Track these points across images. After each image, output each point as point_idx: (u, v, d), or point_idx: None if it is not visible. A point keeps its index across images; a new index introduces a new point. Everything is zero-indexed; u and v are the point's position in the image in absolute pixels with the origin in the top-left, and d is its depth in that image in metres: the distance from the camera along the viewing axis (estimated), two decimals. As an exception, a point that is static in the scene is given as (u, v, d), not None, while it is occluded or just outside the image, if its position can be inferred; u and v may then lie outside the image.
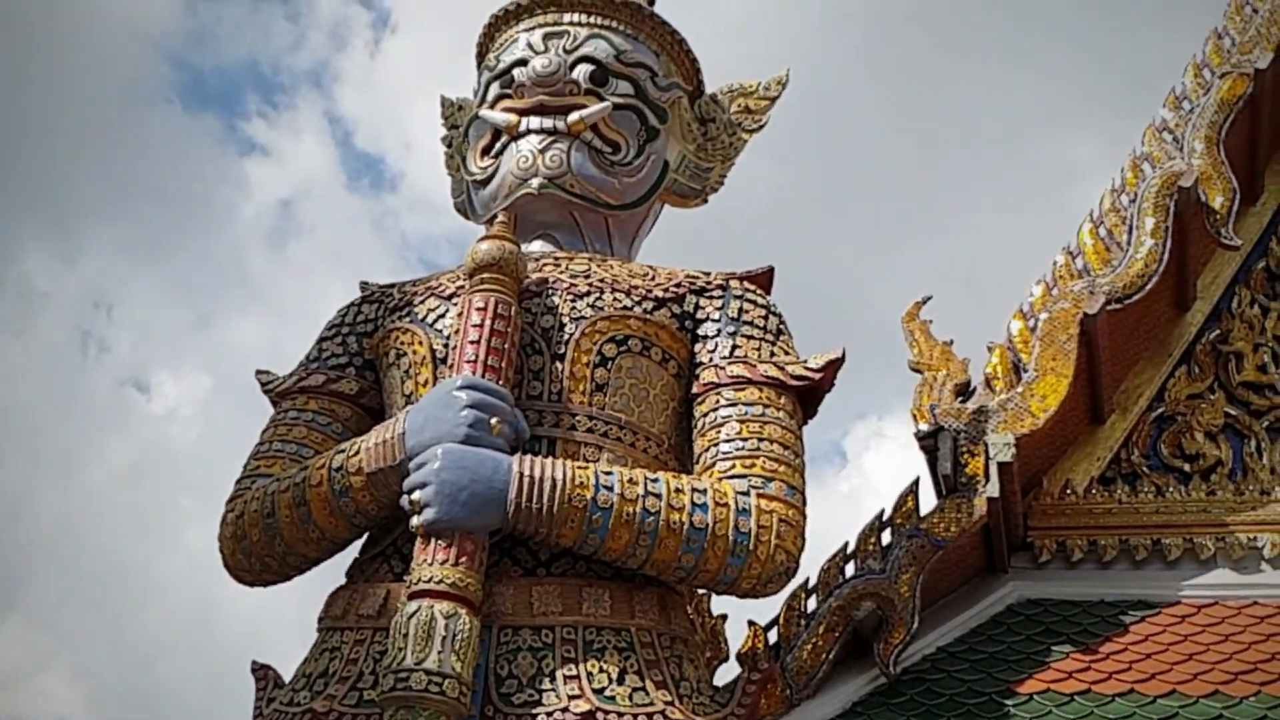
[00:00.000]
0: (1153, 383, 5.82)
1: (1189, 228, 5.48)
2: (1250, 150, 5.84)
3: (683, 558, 3.47)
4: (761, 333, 3.94)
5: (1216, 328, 5.88)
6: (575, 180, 4.07)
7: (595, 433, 3.67)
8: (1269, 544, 5.34)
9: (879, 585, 4.90)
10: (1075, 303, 5.30)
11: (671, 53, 4.36)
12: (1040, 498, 5.57)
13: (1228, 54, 5.68)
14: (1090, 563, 5.45)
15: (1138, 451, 5.72)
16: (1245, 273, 5.96)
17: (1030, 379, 5.24)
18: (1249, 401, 5.74)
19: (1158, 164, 5.52)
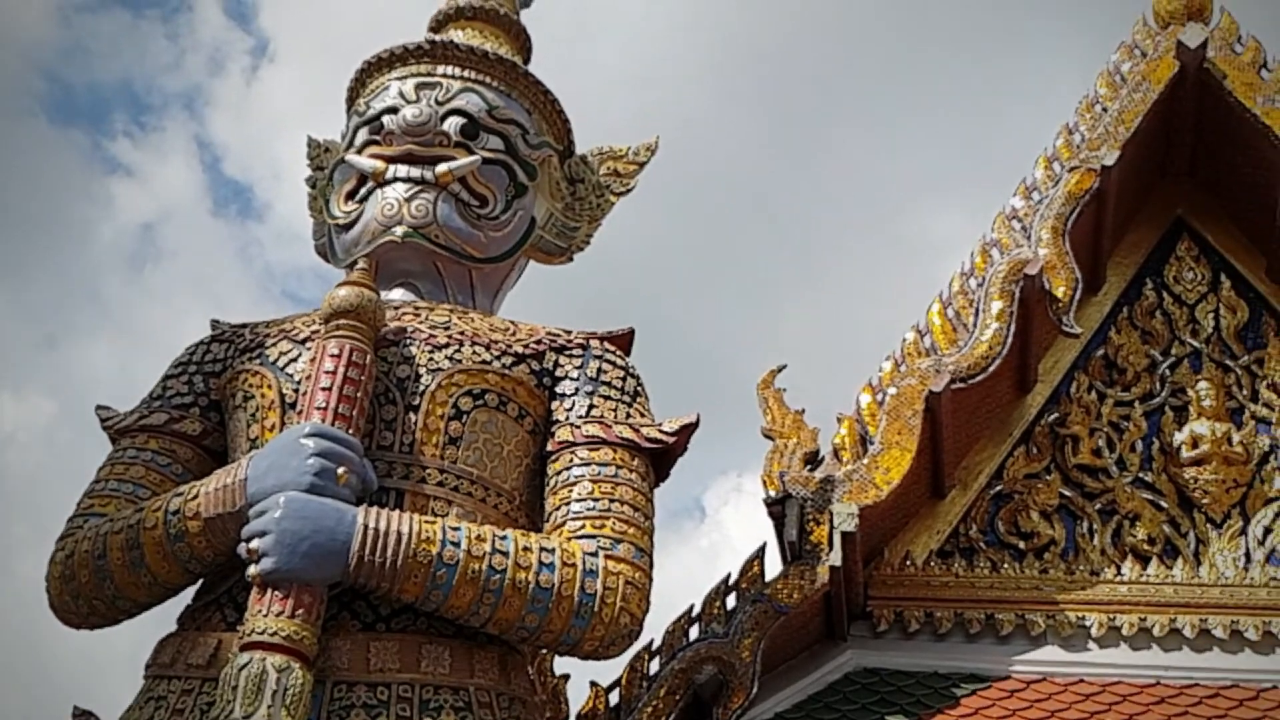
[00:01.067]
0: (993, 461, 5.99)
1: (1033, 314, 5.68)
2: (1094, 242, 6.09)
3: (527, 617, 3.44)
4: (619, 394, 3.95)
5: (1055, 411, 6.09)
6: (440, 231, 4.05)
7: (446, 487, 3.63)
8: (1096, 623, 5.52)
9: (721, 649, 4.93)
10: (922, 380, 5.45)
11: (544, 111, 4.39)
12: (881, 568, 5.68)
13: (1077, 149, 5.93)
14: (926, 634, 5.57)
15: (976, 527, 5.88)
16: (1085, 359, 6.19)
17: (876, 452, 5.36)
18: (1083, 484, 5.95)
19: (1006, 251, 5.72)
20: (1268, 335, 6.12)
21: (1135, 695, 5.28)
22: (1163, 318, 6.23)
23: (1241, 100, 5.91)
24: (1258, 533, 5.75)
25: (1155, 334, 6.21)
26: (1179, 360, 6.14)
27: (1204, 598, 5.52)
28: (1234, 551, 5.70)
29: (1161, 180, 6.43)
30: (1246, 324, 6.16)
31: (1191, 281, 6.27)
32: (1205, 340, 6.16)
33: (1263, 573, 5.57)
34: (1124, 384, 6.13)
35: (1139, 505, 5.86)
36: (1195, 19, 6.17)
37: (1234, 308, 6.18)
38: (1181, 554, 5.72)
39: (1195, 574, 5.59)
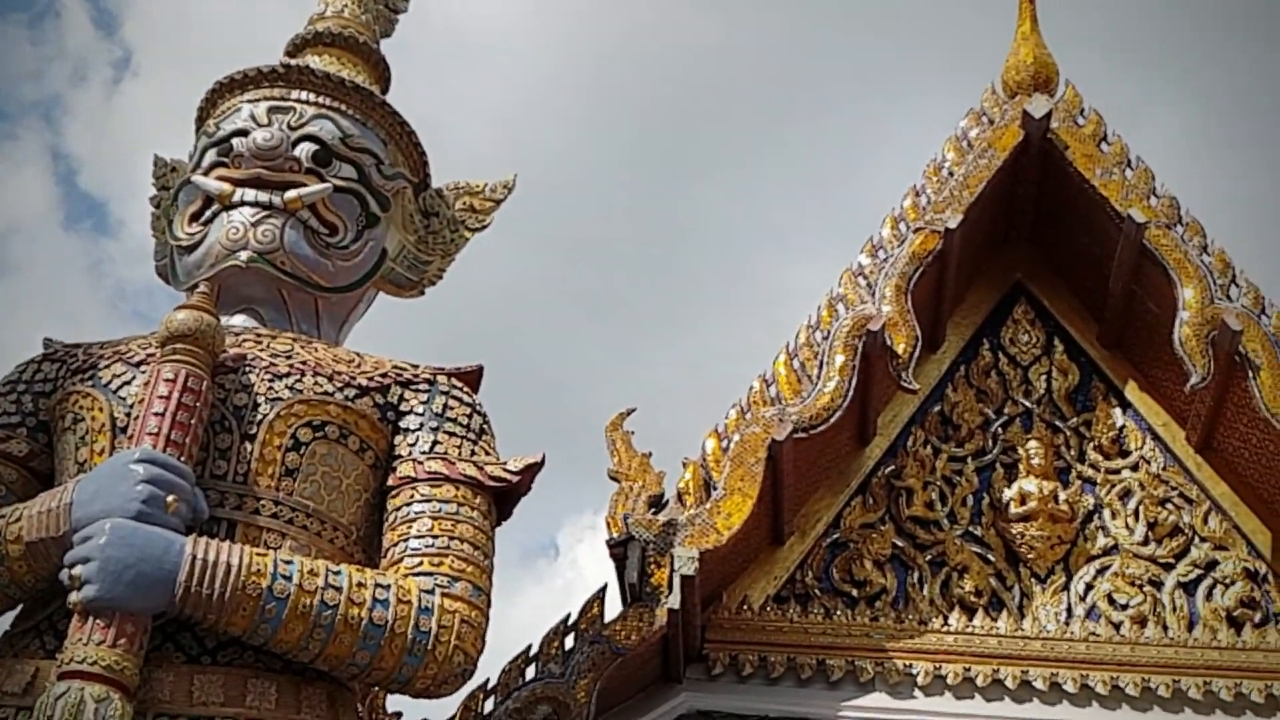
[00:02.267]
0: (830, 510, 6.11)
1: (874, 369, 5.83)
2: (935, 302, 6.28)
3: (358, 654, 3.40)
4: (464, 430, 3.95)
5: (892, 463, 6.25)
6: (287, 258, 4.00)
7: (280, 519, 3.58)
8: (923, 672, 5.64)
9: (557, 689, 4.93)
10: (765, 428, 5.54)
11: (400, 143, 4.38)
12: (719, 611, 5.73)
13: (923, 210, 6.12)
14: (759, 678, 5.64)
15: (812, 574, 5.98)
16: (922, 415, 6.37)
17: (718, 497, 5.42)
18: (915, 535, 6.10)
19: (851, 306, 5.86)
20: (1096, 398, 6.37)
21: (956, 744, 5.42)
22: (998, 378, 6.45)
23: (1081, 171, 6.16)
24: (1079, 589, 5.96)
25: (990, 393, 6.42)
26: (1011, 419, 6.36)
27: (1026, 650, 5.69)
28: (1056, 606, 5.90)
29: (1003, 245, 6.67)
30: (1077, 387, 6.41)
31: (1026, 344, 6.51)
32: (1037, 401, 6.38)
33: (1082, 628, 5.77)
34: (958, 440, 6.32)
35: (968, 558, 6.03)
36: (1041, 90, 6.42)
37: (1065, 371, 6.42)
38: (1006, 606, 5.90)
39: (1019, 626, 5.77)
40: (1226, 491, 6.06)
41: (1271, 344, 5.58)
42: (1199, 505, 6.08)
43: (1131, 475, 6.20)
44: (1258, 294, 5.77)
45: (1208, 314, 5.65)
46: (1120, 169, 6.09)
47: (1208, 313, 5.65)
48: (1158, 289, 5.88)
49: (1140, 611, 5.84)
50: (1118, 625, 5.80)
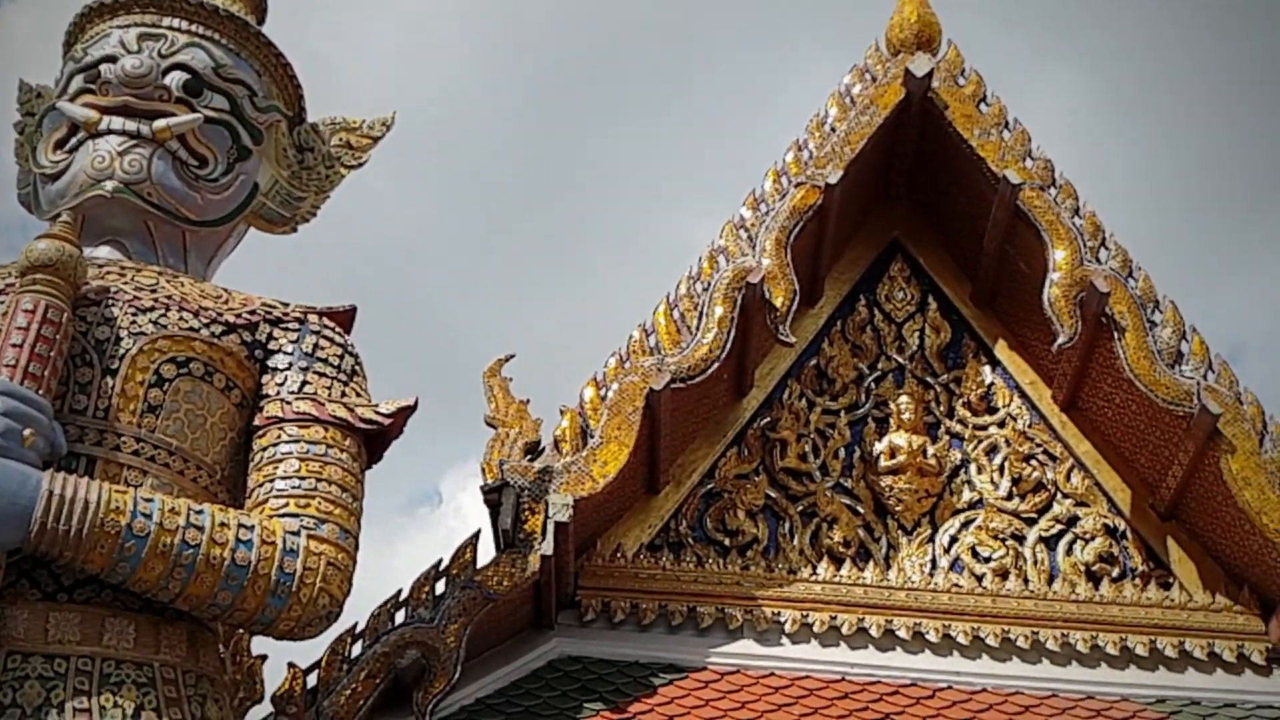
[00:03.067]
0: (706, 460, 6.17)
1: (752, 321, 5.87)
2: (814, 257, 6.34)
3: (219, 594, 3.35)
4: (335, 371, 3.89)
5: (767, 415, 6.32)
6: (154, 189, 3.89)
7: (142, 456, 3.50)
8: (790, 619, 5.75)
9: (426, 634, 4.91)
10: (644, 378, 5.56)
11: (274, 75, 4.27)
12: (592, 559, 5.77)
13: (805, 165, 6.16)
14: (630, 624, 5.69)
15: (686, 523, 6.04)
16: (798, 368, 6.44)
17: (595, 445, 5.44)
18: (788, 486, 6.19)
19: (732, 258, 5.90)
20: (966, 356, 6.50)
21: (821, 690, 5.53)
22: (873, 333, 6.55)
23: (960, 131, 6.25)
24: (944, 541, 6.10)
25: (865, 348, 6.52)
26: (884, 374, 6.47)
27: (891, 600, 5.82)
28: (921, 558, 6.04)
29: (882, 202, 6.75)
30: (948, 344, 6.53)
31: (901, 301, 6.61)
32: (910, 357, 6.50)
33: (946, 579, 5.92)
34: (832, 394, 6.41)
35: (838, 509, 6.14)
36: (924, 49, 6.48)
37: (938, 328, 6.54)
38: (873, 557, 6.02)
39: (885, 577, 5.89)
40: (1089, 450, 6.25)
41: (1138, 307, 5.74)
42: (1062, 462, 6.26)
43: (998, 432, 6.35)
44: (1126, 257, 5.92)
45: (1077, 275, 5.79)
46: (998, 130, 6.19)
47: (1077, 274, 5.80)
48: (1030, 250, 6.01)
49: (1002, 564, 6.00)
50: (980, 577, 5.95)
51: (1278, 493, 5.40)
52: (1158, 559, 6.01)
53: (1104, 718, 5.45)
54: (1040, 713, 5.47)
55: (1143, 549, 6.03)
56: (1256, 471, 5.43)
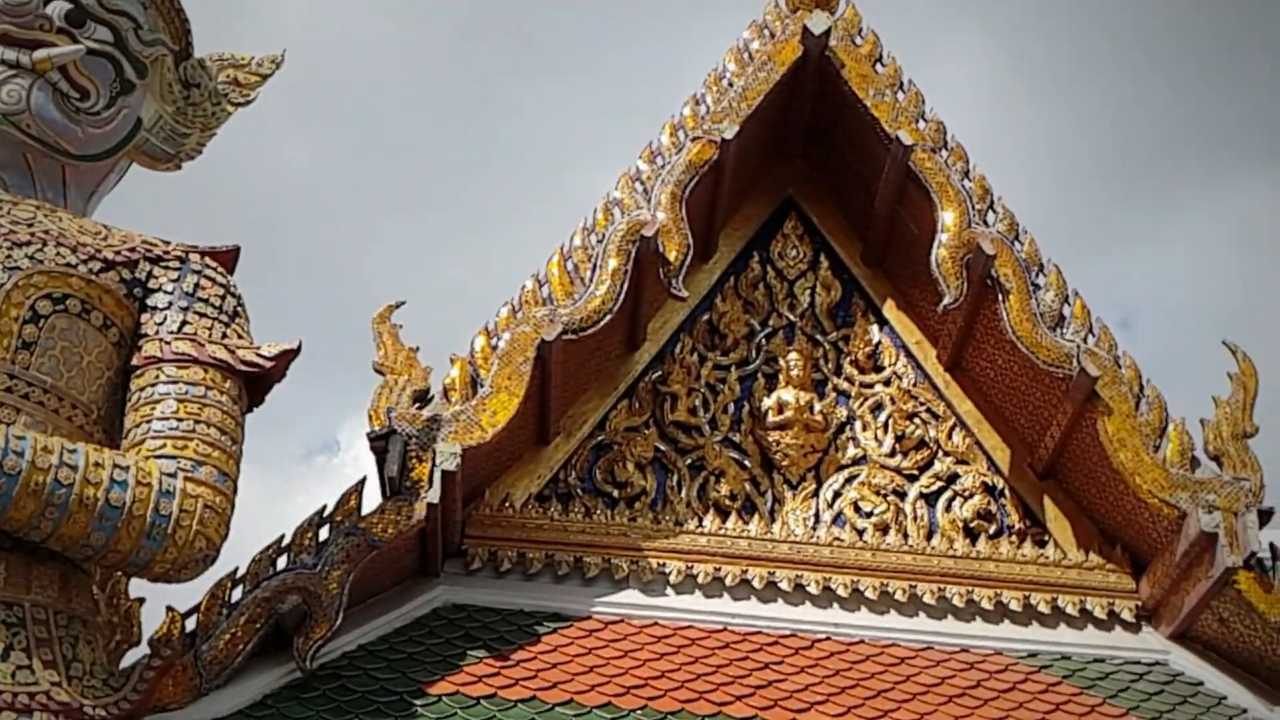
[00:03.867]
0: (597, 412, 6.19)
1: (646, 275, 5.89)
2: (709, 212, 6.37)
3: (92, 535, 3.31)
4: (216, 312, 3.84)
5: (659, 369, 6.36)
6: (33, 121, 3.79)
7: (14, 394, 3.43)
8: (675, 570, 5.81)
9: (308, 580, 4.89)
10: (536, 328, 5.56)
11: (161, 8, 4.17)
12: (480, 508, 5.77)
13: (701, 120, 6.17)
14: (517, 574, 5.71)
15: (575, 474, 6.07)
16: (691, 323, 6.48)
17: (485, 394, 5.43)
18: (677, 440, 6.24)
19: (627, 211, 5.90)
20: (856, 315, 6.59)
21: (703, 639, 5.61)
22: (765, 290, 6.61)
23: (855, 91, 6.30)
24: (828, 496, 6.20)
25: (757, 305, 6.58)
26: (775, 331, 6.53)
27: (774, 552, 5.91)
28: (805, 512, 6.14)
29: (777, 159, 6.79)
30: (838, 303, 6.62)
31: (794, 259, 6.68)
32: (800, 315, 6.57)
33: (828, 533, 6.02)
34: (724, 349, 6.46)
35: (725, 463, 6.20)
36: (822, 7, 6.49)
37: (829, 286, 6.62)
38: (759, 511, 6.11)
39: (769, 530, 5.98)
40: (971, 409, 6.38)
41: (1022, 270, 5.86)
42: (945, 421, 6.39)
43: (884, 390, 6.46)
44: (1013, 220, 6.03)
45: (964, 237, 5.89)
46: (892, 91, 6.26)
47: (964, 236, 5.90)
48: (919, 211, 6.10)
49: (883, 519, 6.12)
50: (861, 532, 6.07)
51: (1152, 455, 5.56)
52: (1034, 517, 6.17)
53: (977, 670, 5.61)
54: (915, 664, 5.61)
55: (1020, 507, 6.19)
56: (1132, 433, 5.59)
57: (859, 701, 5.26)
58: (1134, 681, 5.57)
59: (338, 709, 4.75)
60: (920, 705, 5.27)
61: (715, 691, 5.21)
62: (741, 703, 5.15)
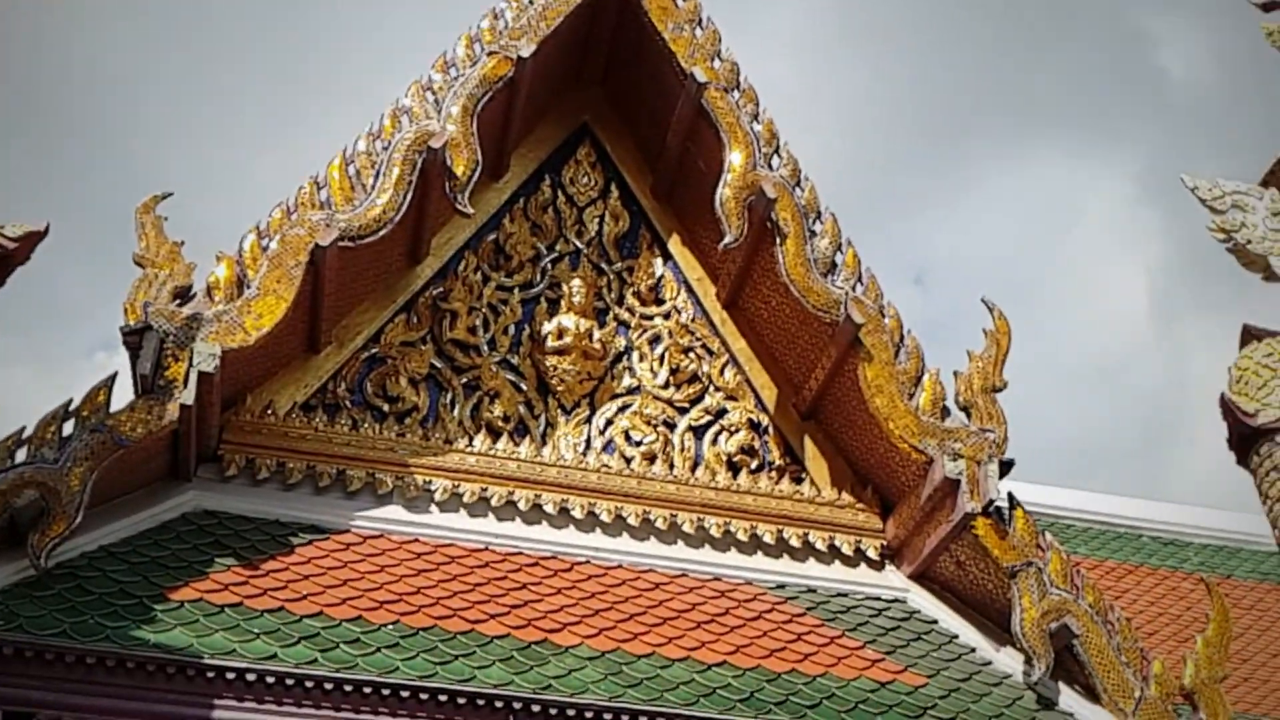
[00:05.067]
0: (372, 324, 6.10)
1: (431, 188, 5.80)
2: (502, 130, 6.30)
3: None
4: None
5: (441, 285, 6.29)
6: None
7: None
8: (441, 488, 5.79)
9: (47, 475, 4.70)
10: (310, 232, 5.42)
11: None
12: (240, 414, 5.63)
13: (499, 35, 6.08)
14: (275, 483, 5.60)
15: (345, 385, 5.97)
16: (477, 241, 6.43)
17: (251, 296, 5.28)
18: (454, 358, 6.20)
19: (416, 120, 5.78)
20: (642, 247, 6.63)
21: (463, 558, 5.62)
22: (554, 215, 6.59)
23: (655, 22, 6.29)
24: (600, 423, 6.26)
25: (545, 228, 6.55)
26: (561, 256, 6.53)
27: (542, 476, 5.93)
28: (577, 438, 6.18)
29: (575, 85, 6.75)
30: (626, 233, 6.65)
31: (585, 186, 6.67)
32: (588, 242, 6.58)
33: (597, 459, 6.08)
34: (508, 270, 6.43)
35: (501, 384, 6.19)
36: (629, -68, 6.45)
37: (618, 216, 6.64)
38: (531, 434, 6.12)
39: (539, 454, 6.00)
40: (744, 347, 6.51)
41: (800, 215, 5.97)
42: (718, 357, 6.50)
43: (663, 323, 6.53)
44: (796, 166, 6.14)
45: (749, 179, 5.97)
46: (691, 26, 6.27)
47: (749, 178, 5.98)
48: (709, 149, 6.15)
49: (652, 449, 6.22)
50: (630, 460, 6.15)
51: (906, 402, 5.77)
52: (794, 455, 6.35)
53: (727, 599, 5.76)
54: (669, 590, 5.74)
55: (782, 444, 6.36)
56: (889, 380, 5.79)
57: (611, 624, 5.36)
58: (873, 617, 5.81)
59: (72, 609, 4.60)
60: (670, 629, 5.40)
61: (471, 609, 5.23)
62: (496, 621, 5.19)
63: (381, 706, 4.61)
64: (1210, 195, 3.86)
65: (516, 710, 4.70)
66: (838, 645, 5.51)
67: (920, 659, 5.50)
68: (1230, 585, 9.90)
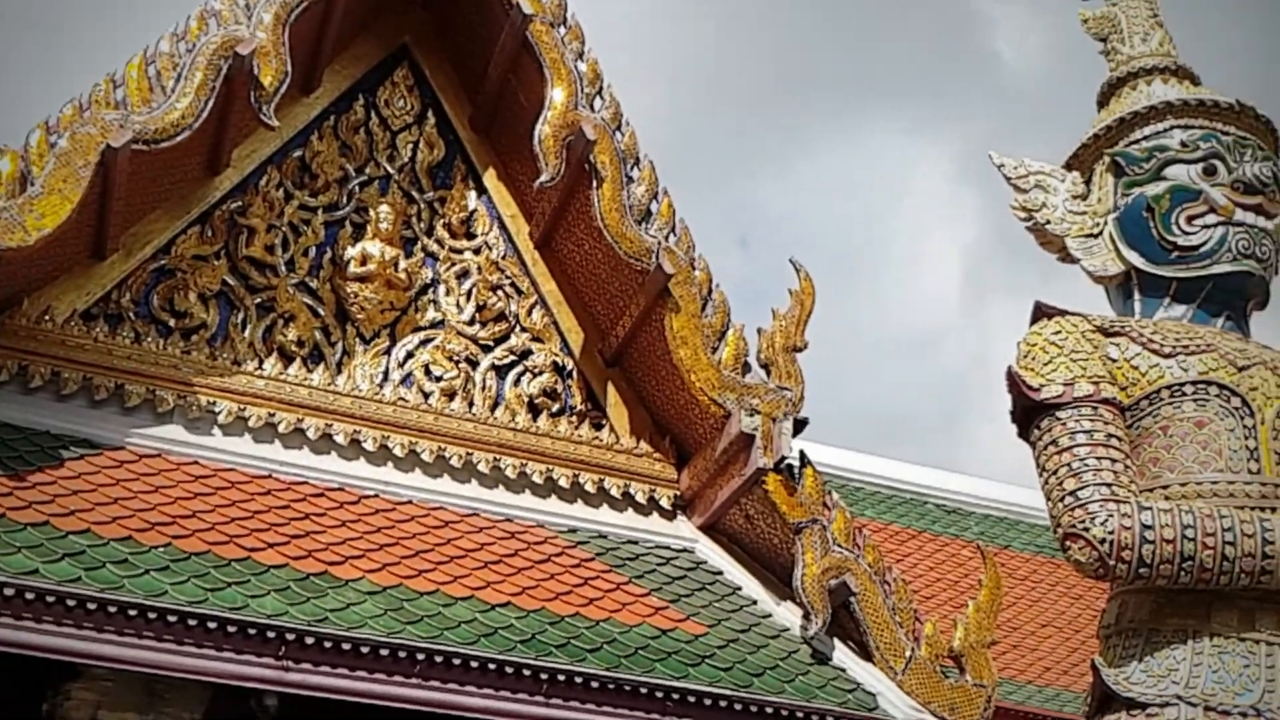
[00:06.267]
0: (164, 234, 5.82)
1: (236, 96, 5.54)
2: (316, 43, 6.05)
3: None
4: None
5: (240, 199, 6.04)
6: None
7: None
8: (226, 411, 5.58)
9: None
10: (103, 131, 5.12)
11: None
12: (15, 318, 5.32)
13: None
14: (48, 393, 5.32)
15: (130, 296, 5.69)
16: (282, 157, 6.18)
17: (34, 194, 4.97)
18: (249, 276, 5.96)
19: (224, 24, 5.50)
20: (455, 178, 6.48)
21: (245, 484, 5.43)
22: (366, 137, 6.38)
23: (483, -53, 6.13)
24: (400, 355, 6.11)
25: (355, 150, 6.34)
26: (370, 180, 6.33)
27: (335, 405, 5.77)
28: (374, 368, 6.02)
29: (397, 4, 6.53)
30: (440, 163, 6.48)
31: (401, 110, 6.47)
32: (399, 168, 6.39)
33: (394, 392, 5.94)
34: (313, 190, 6.21)
35: (297, 307, 5.99)
36: None
37: (433, 144, 6.47)
38: (326, 361, 5.94)
39: (333, 382, 5.83)
40: (554, 289, 6.44)
41: (619, 160, 5.91)
42: (527, 297, 6.42)
43: (473, 258, 6.41)
44: (618, 110, 6.06)
45: (569, 118, 5.88)
46: (520, -46, 6.12)
47: (569, 117, 5.88)
48: (531, 84, 6.03)
49: (452, 386, 6.10)
50: (428, 395, 6.02)
51: (709, 355, 5.79)
52: (596, 401, 6.32)
53: (517, 540, 5.71)
54: (458, 529, 5.66)
55: (584, 390, 6.32)
56: (694, 332, 5.79)
57: (395, 559, 5.25)
58: (661, 565, 5.84)
59: None
60: (456, 568, 5.33)
61: (248, 537, 5.06)
62: (274, 550, 5.03)
63: (147, 631, 4.41)
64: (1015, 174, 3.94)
65: (289, 642, 4.57)
66: (623, 591, 5.52)
67: (703, 609, 5.56)
68: (1007, 555, 10.34)
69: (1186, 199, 3.44)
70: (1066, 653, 9.01)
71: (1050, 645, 9.33)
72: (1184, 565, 2.90)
